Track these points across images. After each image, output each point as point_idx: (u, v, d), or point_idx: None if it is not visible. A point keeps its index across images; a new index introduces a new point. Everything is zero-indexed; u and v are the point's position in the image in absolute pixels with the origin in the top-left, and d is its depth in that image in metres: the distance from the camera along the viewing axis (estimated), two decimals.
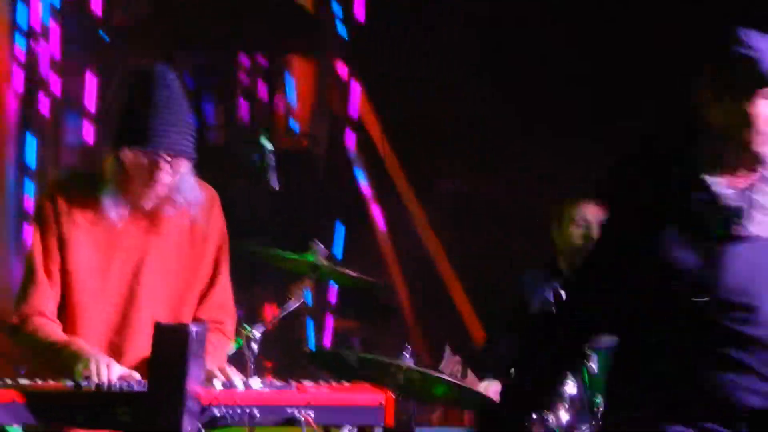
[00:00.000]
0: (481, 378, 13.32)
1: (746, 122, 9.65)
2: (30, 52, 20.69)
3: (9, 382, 9.63)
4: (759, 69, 9.66)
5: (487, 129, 20.59)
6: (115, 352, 9.94)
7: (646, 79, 21.14)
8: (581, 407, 11.60)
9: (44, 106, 20.21)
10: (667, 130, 10.70)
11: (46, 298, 9.79)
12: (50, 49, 21.20)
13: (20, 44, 21.67)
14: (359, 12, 20.73)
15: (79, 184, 9.99)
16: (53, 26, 21.22)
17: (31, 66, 20.53)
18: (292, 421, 10.43)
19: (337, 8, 22.02)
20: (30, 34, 20.93)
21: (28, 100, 20.03)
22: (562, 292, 12.25)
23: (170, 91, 9.82)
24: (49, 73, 21.47)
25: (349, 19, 20.75)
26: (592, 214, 13.54)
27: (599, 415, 12.24)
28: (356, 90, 20.05)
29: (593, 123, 19.83)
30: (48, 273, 9.78)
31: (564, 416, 11.63)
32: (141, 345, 9.71)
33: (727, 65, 9.88)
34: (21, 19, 21.47)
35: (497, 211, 17.62)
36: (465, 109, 20.96)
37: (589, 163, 13.93)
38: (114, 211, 9.70)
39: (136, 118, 9.79)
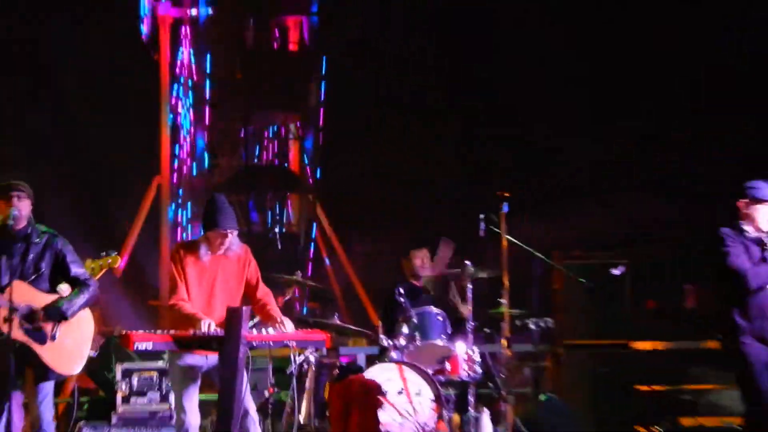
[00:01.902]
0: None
1: None
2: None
3: (165, 332, 9.70)
4: None
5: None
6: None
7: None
8: None
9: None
10: None
11: (183, 292, 9.61)
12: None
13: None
14: (320, 171, 20.45)
15: (189, 245, 9.90)
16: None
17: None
18: (286, 346, 10.37)
19: (312, 170, 21.81)
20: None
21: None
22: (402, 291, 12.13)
23: (223, 202, 9.85)
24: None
25: (314, 174, 20.50)
26: (425, 254, 12.54)
27: None
28: (318, 208, 19.74)
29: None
30: (181, 282, 9.79)
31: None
32: (218, 316, 9.55)
33: None
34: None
35: (385, 257, 16.85)
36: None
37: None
38: (203, 255, 9.74)
39: (211, 216, 9.86)
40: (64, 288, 9.26)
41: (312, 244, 20.17)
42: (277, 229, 20.38)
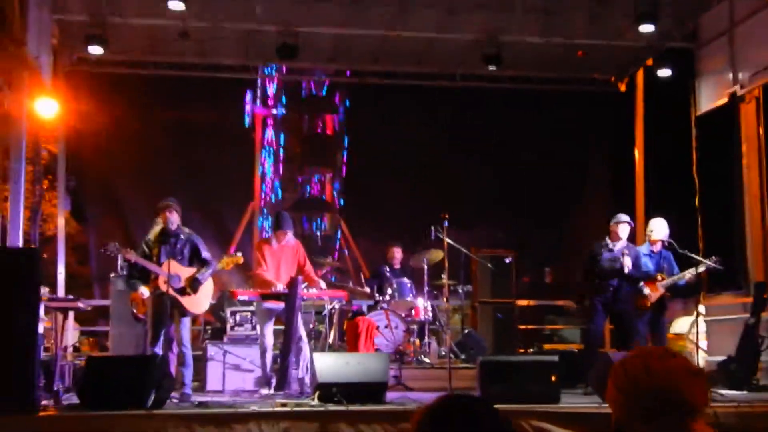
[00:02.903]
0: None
1: None
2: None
3: (252, 289, 9.55)
4: None
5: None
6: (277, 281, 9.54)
7: None
8: None
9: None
10: None
11: (264, 267, 9.46)
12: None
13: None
14: (343, 201, 20.26)
15: (266, 240, 9.75)
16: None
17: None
18: (322, 299, 10.15)
19: (338, 200, 21.76)
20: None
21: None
22: (387, 269, 11.97)
23: (285, 215, 9.67)
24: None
25: (340, 198, 20.28)
26: (396, 250, 12.02)
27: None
28: (342, 221, 19.58)
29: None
30: (263, 261, 9.58)
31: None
32: (284, 281, 9.37)
33: None
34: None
35: (380, 249, 16.20)
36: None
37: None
38: (273, 245, 9.52)
39: (278, 222, 9.68)
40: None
41: (337, 241, 20.02)
42: (318, 232, 20.11)
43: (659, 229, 10.05)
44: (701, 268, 9.71)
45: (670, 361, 2.64)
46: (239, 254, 9.74)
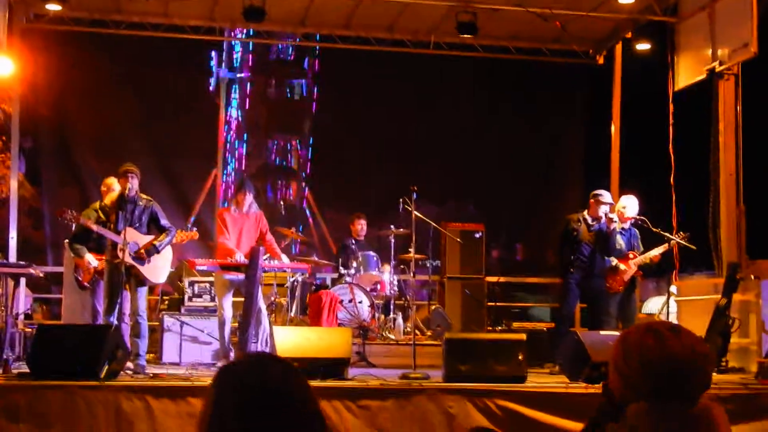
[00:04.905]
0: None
1: None
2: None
3: (211, 260, 9.50)
4: None
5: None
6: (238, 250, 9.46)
7: None
8: None
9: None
10: None
11: (225, 236, 9.39)
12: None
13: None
14: (309, 168, 20.15)
15: (227, 208, 9.72)
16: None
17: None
18: (285, 271, 10.18)
19: (304, 168, 21.55)
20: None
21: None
22: (353, 242, 11.90)
23: (247, 179, 9.74)
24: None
25: (306, 169, 20.21)
26: (361, 221, 11.93)
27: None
28: (307, 190, 19.47)
29: None
30: (225, 229, 9.52)
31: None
32: (244, 250, 9.31)
33: None
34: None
35: (344, 220, 16.06)
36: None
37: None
38: (234, 212, 9.49)
39: (240, 185, 9.66)
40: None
41: (305, 212, 19.96)
42: (282, 202, 19.95)
43: (632, 206, 10.12)
44: (669, 244, 9.92)
45: (683, 339, 2.66)
46: (194, 230, 9.70)
